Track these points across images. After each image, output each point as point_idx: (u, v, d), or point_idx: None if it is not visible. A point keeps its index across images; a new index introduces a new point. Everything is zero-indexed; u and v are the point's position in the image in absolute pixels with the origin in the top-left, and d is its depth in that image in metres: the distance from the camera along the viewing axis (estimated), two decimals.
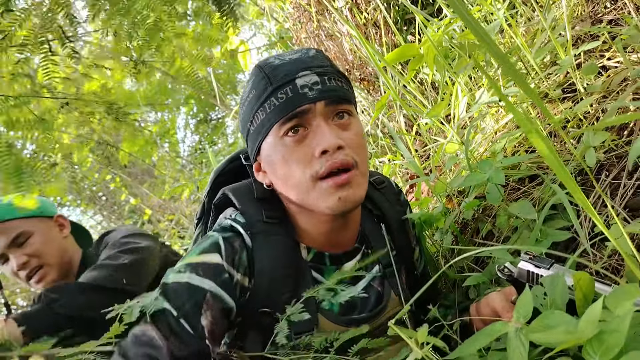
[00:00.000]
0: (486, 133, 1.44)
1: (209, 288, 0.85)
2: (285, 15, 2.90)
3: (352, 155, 0.88)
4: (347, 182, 0.87)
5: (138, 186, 7.16)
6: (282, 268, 0.94)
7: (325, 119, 0.88)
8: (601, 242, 0.96)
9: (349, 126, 0.92)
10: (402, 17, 2.35)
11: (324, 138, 0.86)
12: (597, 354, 0.51)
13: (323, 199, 0.88)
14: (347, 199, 0.88)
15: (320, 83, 0.88)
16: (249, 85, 0.94)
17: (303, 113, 0.87)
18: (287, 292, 0.93)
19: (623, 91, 1.10)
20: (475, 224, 1.29)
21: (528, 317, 0.65)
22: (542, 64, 1.36)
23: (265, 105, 0.89)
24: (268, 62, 0.92)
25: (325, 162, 0.86)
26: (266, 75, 0.90)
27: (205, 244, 0.92)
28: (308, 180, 0.88)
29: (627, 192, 0.97)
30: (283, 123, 0.87)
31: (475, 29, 0.57)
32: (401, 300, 1.03)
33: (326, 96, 0.88)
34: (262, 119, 0.90)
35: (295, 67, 0.89)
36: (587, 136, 0.97)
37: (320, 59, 0.93)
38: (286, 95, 0.87)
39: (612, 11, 1.31)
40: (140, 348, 0.78)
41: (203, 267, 0.87)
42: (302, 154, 0.88)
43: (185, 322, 0.82)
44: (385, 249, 1.08)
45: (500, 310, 0.85)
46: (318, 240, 1.00)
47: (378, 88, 2.40)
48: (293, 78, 0.88)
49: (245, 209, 0.98)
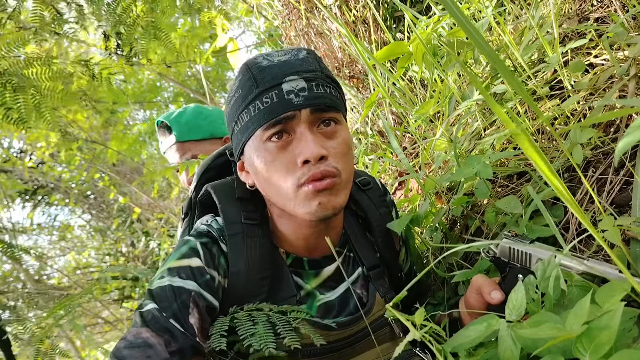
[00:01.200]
0: (475, 130, 1.45)
1: (193, 288, 0.85)
2: (274, 13, 2.89)
3: (334, 164, 0.87)
4: (328, 187, 0.86)
5: (127, 185, 7.12)
6: (258, 270, 0.94)
7: (310, 126, 0.87)
8: (588, 238, 0.97)
9: (335, 134, 0.90)
10: (391, 14, 2.35)
11: (307, 147, 0.85)
12: (588, 351, 0.51)
13: (303, 205, 0.87)
14: (327, 205, 0.87)
15: (307, 89, 0.87)
16: (236, 83, 0.93)
17: (287, 119, 0.86)
18: (262, 293, 0.93)
19: (609, 88, 1.11)
20: (464, 221, 1.30)
21: (521, 314, 0.65)
22: (529, 61, 1.37)
23: (250, 107, 0.88)
24: (256, 62, 0.90)
25: (307, 172, 0.85)
26: (253, 77, 0.89)
27: (184, 249, 0.91)
28: (290, 187, 0.87)
29: (613, 188, 0.98)
30: (267, 128, 0.86)
31: (465, 25, 0.57)
32: (387, 301, 1.03)
33: (312, 103, 0.86)
34: (247, 121, 0.89)
35: (282, 71, 0.88)
36: (574, 133, 0.98)
37: (310, 62, 0.91)
38: (271, 100, 0.86)
39: (599, 9, 1.32)
40: (134, 350, 0.78)
41: (184, 270, 0.87)
42: (285, 160, 0.87)
43: (175, 321, 0.81)
44: (369, 251, 1.08)
45: (481, 286, 0.86)
46: (296, 245, 1.00)
47: (367, 86, 2.40)
48: (279, 82, 0.86)
49: (225, 208, 0.97)
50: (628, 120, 1.04)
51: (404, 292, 0.79)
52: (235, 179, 1.03)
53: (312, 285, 1.00)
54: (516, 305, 0.66)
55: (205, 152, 1.64)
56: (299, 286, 0.99)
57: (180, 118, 1.71)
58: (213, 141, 1.74)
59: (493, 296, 0.82)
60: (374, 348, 0.99)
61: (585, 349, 0.51)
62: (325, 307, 0.99)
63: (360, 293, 1.03)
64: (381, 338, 1.01)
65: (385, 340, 1.01)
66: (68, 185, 7.69)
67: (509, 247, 0.85)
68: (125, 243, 7.51)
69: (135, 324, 0.81)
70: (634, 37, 1.11)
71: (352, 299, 1.01)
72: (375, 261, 1.08)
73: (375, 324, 1.00)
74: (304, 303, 0.98)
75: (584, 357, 0.51)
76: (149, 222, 7.02)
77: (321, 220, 0.90)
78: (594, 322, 0.53)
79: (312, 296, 0.99)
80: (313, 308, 0.98)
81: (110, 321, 6.93)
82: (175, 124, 1.70)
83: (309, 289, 1.00)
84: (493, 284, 0.85)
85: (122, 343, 0.79)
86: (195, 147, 1.71)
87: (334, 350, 0.95)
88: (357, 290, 1.03)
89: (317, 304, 0.99)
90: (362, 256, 1.06)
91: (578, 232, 0.97)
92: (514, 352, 0.62)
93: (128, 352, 0.77)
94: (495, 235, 1.14)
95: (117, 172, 7.46)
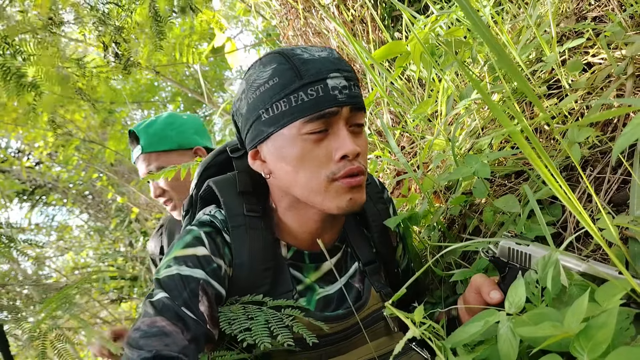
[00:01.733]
0: (473, 129, 1.45)
1: (201, 277, 0.87)
2: (272, 12, 2.89)
3: (363, 162, 0.92)
4: (359, 184, 0.90)
5: (125, 185, 7.10)
6: (262, 261, 0.96)
7: (346, 124, 0.91)
8: (586, 236, 0.97)
9: (361, 135, 0.95)
10: (389, 14, 2.35)
11: (345, 144, 0.88)
12: (586, 350, 0.51)
13: (334, 199, 0.90)
14: (356, 201, 0.91)
15: (348, 88, 0.90)
16: (267, 70, 0.91)
17: (331, 114, 0.88)
18: (265, 284, 0.95)
19: (607, 87, 1.11)
20: (463, 220, 1.30)
21: (521, 307, 0.65)
22: (527, 60, 1.37)
23: (292, 97, 0.88)
24: (296, 54, 0.91)
25: (344, 167, 0.88)
26: (295, 67, 0.88)
27: (188, 238, 0.92)
28: (323, 181, 0.89)
29: (611, 187, 0.99)
30: (309, 120, 0.87)
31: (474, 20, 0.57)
32: (382, 296, 1.04)
33: (353, 102, 0.90)
34: (284, 110, 0.89)
35: (325, 67, 0.89)
36: (571, 132, 0.98)
37: (345, 63, 0.94)
38: (317, 93, 0.87)
39: (597, 8, 1.32)
40: (151, 339, 0.77)
41: (191, 259, 0.89)
42: (320, 154, 0.89)
43: (187, 309, 0.82)
44: (366, 247, 1.09)
45: (481, 285, 0.87)
46: (300, 239, 1.01)
47: (365, 85, 2.40)
48: (325, 77, 0.88)
49: (227, 201, 0.99)
50: (625, 119, 1.04)
51: (403, 289, 0.79)
52: (237, 174, 1.03)
53: (311, 278, 1.02)
54: (516, 299, 0.67)
55: (171, 163, 1.58)
56: (298, 280, 1.00)
57: (149, 128, 1.67)
58: (181, 152, 1.69)
59: (492, 296, 0.83)
60: (369, 342, 1.00)
61: (582, 348, 0.51)
62: (324, 300, 1.00)
63: (358, 287, 1.05)
64: (377, 332, 1.02)
65: (381, 335, 1.03)
66: (66, 185, 7.67)
67: (508, 248, 0.85)
68: (124, 243, 7.50)
69: (146, 314, 0.81)
70: (632, 36, 1.11)
71: (350, 293, 1.03)
72: (371, 257, 1.09)
73: (370, 318, 1.01)
74: (303, 296, 0.99)
75: (581, 356, 0.51)
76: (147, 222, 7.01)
77: (343, 214, 0.94)
78: (592, 321, 0.53)
79: (312, 289, 1.01)
80: (312, 301, 0.99)
81: (109, 321, 6.93)
82: (142, 134, 1.66)
83: (309, 282, 1.01)
84: (492, 283, 0.86)
85: (136, 333, 0.78)
86: (161, 159, 1.66)
87: (331, 344, 0.96)
88: (356, 285, 1.05)
89: (317, 297, 1.00)
90: (358, 252, 1.08)
91: (576, 230, 0.98)
92: (512, 344, 0.62)
93: (144, 341, 0.76)
94: (494, 234, 1.14)
95: (115, 172, 7.44)
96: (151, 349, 0.75)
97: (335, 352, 0.96)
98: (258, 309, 0.90)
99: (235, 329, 0.84)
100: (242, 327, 0.84)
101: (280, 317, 0.87)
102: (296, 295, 0.98)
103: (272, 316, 0.87)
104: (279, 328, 0.84)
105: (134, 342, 0.77)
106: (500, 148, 1.31)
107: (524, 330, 0.59)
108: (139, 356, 0.74)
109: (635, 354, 0.47)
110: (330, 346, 0.96)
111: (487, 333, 0.73)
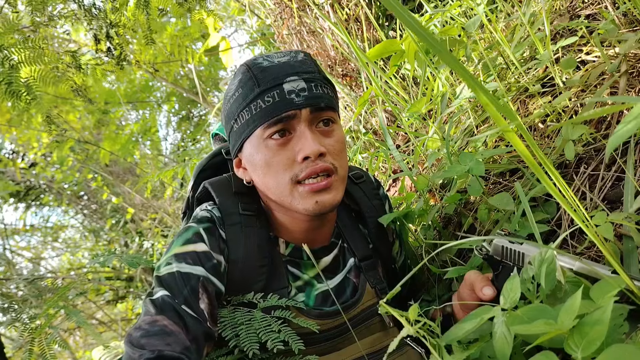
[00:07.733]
0: (467, 128, 1.45)
1: (201, 274, 0.87)
2: (267, 12, 2.88)
3: (331, 161, 0.92)
4: (327, 187, 0.91)
5: (120, 185, 7.09)
6: (257, 258, 0.97)
7: (309, 125, 0.91)
8: (580, 234, 0.98)
9: (332, 133, 0.95)
10: (384, 12, 2.35)
11: (307, 144, 0.89)
12: (579, 347, 0.51)
13: (300, 202, 0.91)
14: (324, 203, 0.91)
15: (306, 89, 0.91)
16: (235, 82, 0.95)
17: (288, 118, 0.89)
18: (260, 281, 0.96)
19: (601, 85, 1.11)
20: (458, 218, 1.30)
21: (515, 302, 0.65)
22: (521, 58, 1.37)
23: (251, 106, 0.91)
24: (257, 63, 0.94)
25: (306, 168, 0.89)
26: (254, 76, 0.91)
27: (187, 234, 0.93)
28: (287, 183, 0.91)
29: (605, 184, 0.99)
30: (268, 126, 0.90)
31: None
32: (377, 292, 1.06)
33: (312, 103, 0.90)
34: (247, 119, 0.92)
35: (283, 71, 0.91)
36: (566, 130, 0.99)
37: (308, 64, 0.95)
38: (273, 99, 0.89)
39: (590, 6, 1.33)
40: (152, 338, 0.77)
41: (190, 255, 0.89)
42: (284, 157, 0.90)
43: (187, 307, 0.82)
44: (362, 242, 1.09)
45: (474, 281, 0.88)
46: (296, 236, 1.02)
47: (360, 84, 2.40)
48: (280, 82, 0.90)
49: (222, 200, 1.00)
50: (619, 117, 1.04)
51: (397, 287, 0.79)
52: (232, 175, 1.05)
53: (310, 274, 1.03)
54: (511, 294, 0.67)
55: None
56: (295, 276, 1.01)
57: None
58: None
59: (485, 292, 0.84)
60: (364, 338, 1.01)
61: (576, 345, 0.51)
62: (322, 295, 1.01)
63: (355, 282, 1.06)
64: (372, 328, 1.03)
65: (376, 330, 1.04)
66: (61, 186, 7.64)
67: (502, 246, 0.85)
68: (119, 243, 7.48)
69: (147, 312, 0.81)
70: (625, 33, 1.12)
71: (348, 288, 1.04)
72: (368, 252, 1.10)
73: (365, 313, 1.02)
74: (302, 291, 1.00)
75: (575, 353, 0.51)
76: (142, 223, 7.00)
77: (317, 216, 0.94)
78: (586, 318, 0.53)
79: (311, 285, 1.02)
80: (311, 297, 1.01)
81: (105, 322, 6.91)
82: None
83: (307, 278, 1.02)
84: (485, 280, 0.87)
85: (137, 332, 0.78)
86: None
87: (326, 340, 0.97)
88: (353, 280, 1.06)
89: (315, 292, 1.02)
90: (353, 247, 1.09)
91: (570, 228, 0.98)
92: (507, 339, 0.62)
93: (146, 340, 0.76)
94: (489, 232, 1.14)
95: (110, 173, 7.42)
96: (153, 349, 0.75)
97: (331, 349, 0.97)
98: (248, 311, 0.90)
99: (226, 334, 0.85)
100: (232, 333, 0.85)
101: (269, 322, 0.88)
102: (292, 291, 0.99)
103: (262, 320, 0.88)
104: (267, 333, 0.85)
105: (135, 341, 0.77)
106: (495, 146, 1.32)
107: (518, 328, 0.59)
108: (141, 356, 0.74)
109: (629, 351, 0.47)
110: (326, 342, 0.97)
111: (481, 330, 0.73)
